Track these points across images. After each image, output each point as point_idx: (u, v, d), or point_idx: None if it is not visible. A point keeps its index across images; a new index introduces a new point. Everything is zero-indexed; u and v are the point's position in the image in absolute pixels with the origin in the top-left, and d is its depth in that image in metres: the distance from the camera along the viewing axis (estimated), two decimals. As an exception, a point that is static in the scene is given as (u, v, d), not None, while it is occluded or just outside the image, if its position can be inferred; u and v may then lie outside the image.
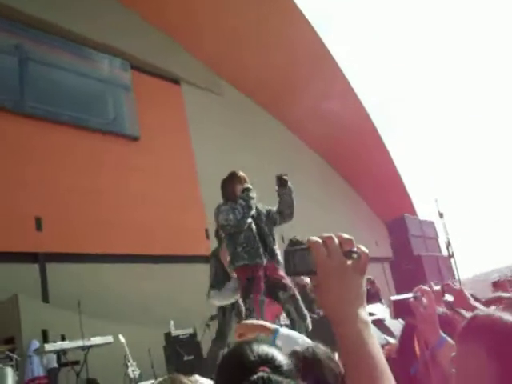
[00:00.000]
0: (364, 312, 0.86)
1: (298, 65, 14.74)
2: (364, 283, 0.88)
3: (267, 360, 0.88)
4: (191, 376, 1.49)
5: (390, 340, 3.28)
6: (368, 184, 18.95)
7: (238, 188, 4.28)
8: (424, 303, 1.51)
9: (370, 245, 12.24)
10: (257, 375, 0.83)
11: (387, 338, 3.39)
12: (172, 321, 8.56)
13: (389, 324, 3.91)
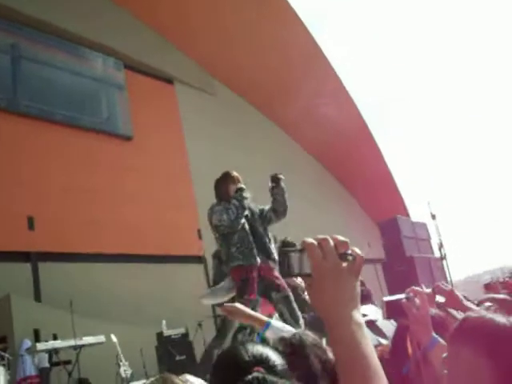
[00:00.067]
0: (358, 314, 0.87)
1: (292, 65, 14.76)
2: (358, 285, 0.89)
3: (262, 360, 0.89)
4: (182, 376, 1.49)
5: (382, 341, 3.30)
6: (360, 185, 18.98)
7: (232, 188, 4.27)
8: (417, 304, 1.52)
9: (363, 246, 12.28)
10: (251, 375, 0.83)
11: (379, 339, 3.41)
12: (164, 321, 8.57)
13: (381, 325, 3.93)
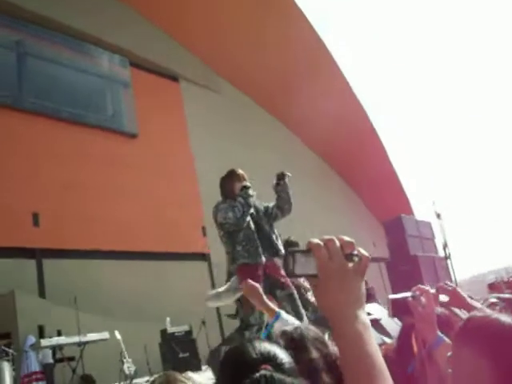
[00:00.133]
0: (364, 314, 0.87)
1: (297, 63, 14.73)
2: (364, 285, 0.89)
3: (269, 358, 0.88)
4: (185, 373, 1.49)
5: (386, 340, 3.29)
6: (365, 184, 18.95)
7: (237, 186, 4.24)
8: (422, 302, 1.51)
9: (368, 245, 12.26)
10: (259, 373, 0.82)
11: (383, 338, 3.40)
12: (168, 318, 8.58)
13: (385, 324, 3.92)
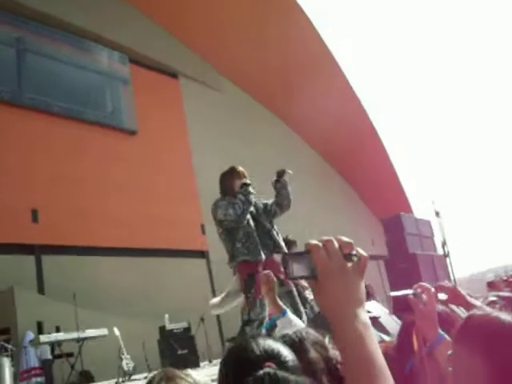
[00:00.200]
0: (364, 314, 0.87)
1: (297, 61, 14.71)
2: (363, 285, 0.89)
3: (273, 355, 0.87)
4: (184, 370, 1.49)
5: (385, 337, 3.30)
6: (365, 182, 18.96)
7: (237, 183, 4.23)
8: (424, 300, 1.52)
9: (367, 243, 12.26)
10: (263, 371, 0.82)
11: (382, 336, 3.41)
12: (167, 315, 8.58)
13: (383, 321, 3.93)
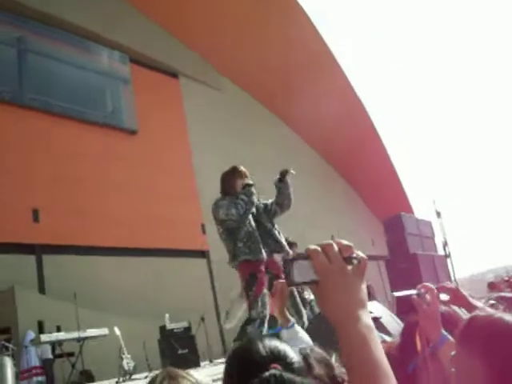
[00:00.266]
0: (367, 316, 0.87)
1: (297, 60, 14.69)
2: (365, 287, 0.89)
3: (279, 357, 0.86)
4: (186, 371, 1.48)
5: (386, 338, 3.29)
6: (365, 182, 18.96)
7: (239, 183, 4.23)
8: (427, 300, 1.52)
9: (367, 243, 12.25)
10: (269, 372, 0.81)
11: (383, 336, 3.41)
12: (167, 314, 8.58)
13: (385, 322, 3.93)
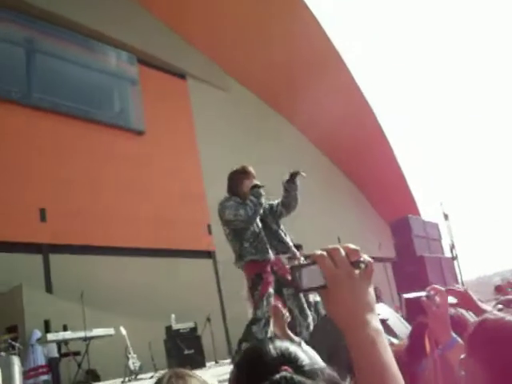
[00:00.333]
0: (375, 320, 0.87)
1: (303, 60, 14.62)
2: (372, 291, 0.89)
3: (290, 359, 0.84)
4: (192, 371, 1.47)
5: (393, 340, 3.28)
6: (372, 184, 18.91)
7: (246, 183, 4.20)
8: (437, 302, 1.51)
9: (373, 245, 12.21)
10: (279, 375, 0.80)
11: (390, 338, 3.40)
12: (173, 314, 8.58)
13: (392, 324, 3.91)
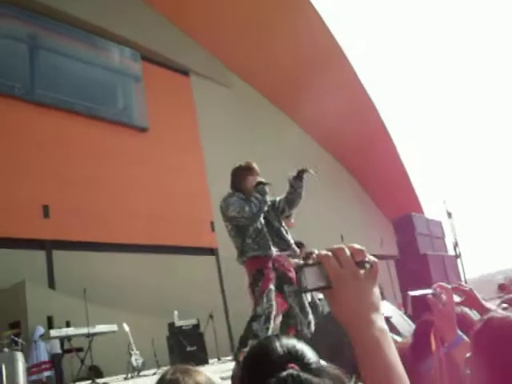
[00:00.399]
0: (381, 319, 0.86)
1: (307, 58, 14.57)
2: (377, 291, 0.88)
3: (296, 356, 0.84)
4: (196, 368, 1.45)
5: (397, 338, 3.28)
6: (375, 181, 18.90)
7: (250, 179, 4.17)
8: (443, 300, 1.50)
9: (376, 242, 12.21)
10: (286, 372, 0.80)
11: (393, 336, 3.39)
12: (176, 311, 8.59)
13: (395, 322, 3.91)
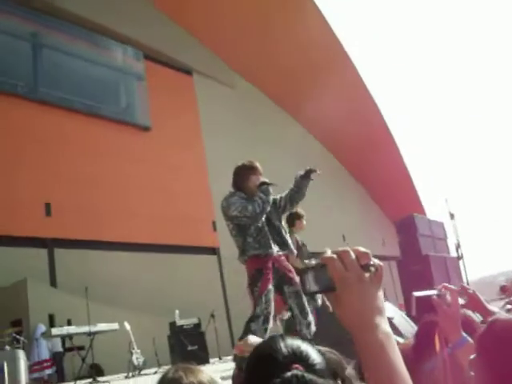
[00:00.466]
0: (385, 323, 0.86)
1: (308, 57, 14.56)
2: (382, 294, 0.88)
3: (301, 357, 0.84)
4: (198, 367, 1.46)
5: (398, 339, 3.27)
6: (377, 181, 18.88)
7: (252, 178, 4.16)
8: (448, 301, 1.50)
9: (378, 243, 12.21)
10: (291, 373, 0.80)
11: (395, 337, 3.39)
12: (177, 310, 8.59)
13: (397, 323, 3.91)
